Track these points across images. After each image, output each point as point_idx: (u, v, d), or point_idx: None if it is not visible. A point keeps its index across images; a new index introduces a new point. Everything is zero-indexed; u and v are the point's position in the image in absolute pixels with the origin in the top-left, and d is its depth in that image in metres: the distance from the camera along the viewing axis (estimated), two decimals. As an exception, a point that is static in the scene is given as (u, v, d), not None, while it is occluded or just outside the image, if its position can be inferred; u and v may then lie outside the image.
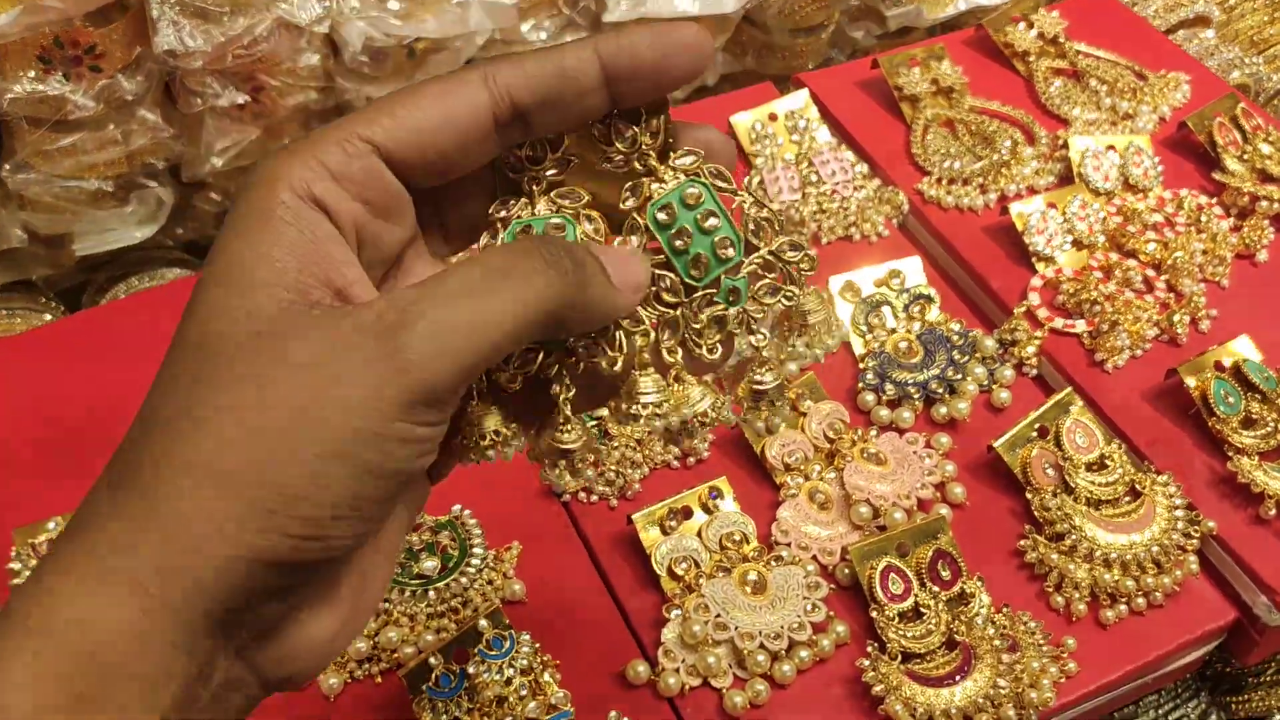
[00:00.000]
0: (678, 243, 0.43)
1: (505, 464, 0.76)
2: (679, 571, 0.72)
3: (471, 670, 0.67)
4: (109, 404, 0.82)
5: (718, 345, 0.44)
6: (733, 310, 0.44)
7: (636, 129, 0.43)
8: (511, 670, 0.67)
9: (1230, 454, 0.78)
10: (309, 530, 0.35)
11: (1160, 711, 0.82)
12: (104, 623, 0.33)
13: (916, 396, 0.82)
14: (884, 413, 0.82)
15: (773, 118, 1.00)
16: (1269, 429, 0.79)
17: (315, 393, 0.35)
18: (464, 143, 0.40)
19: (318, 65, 0.89)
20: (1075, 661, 0.70)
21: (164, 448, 0.35)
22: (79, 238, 0.95)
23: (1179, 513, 0.76)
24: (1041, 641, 0.71)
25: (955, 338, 0.85)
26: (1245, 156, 0.98)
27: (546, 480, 0.45)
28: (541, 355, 0.42)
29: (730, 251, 0.43)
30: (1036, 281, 0.89)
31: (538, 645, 0.69)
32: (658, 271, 0.43)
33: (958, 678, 0.68)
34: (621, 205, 0.43)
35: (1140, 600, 0.73)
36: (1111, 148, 0.96)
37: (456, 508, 0.75)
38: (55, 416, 0.81)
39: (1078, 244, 0.91)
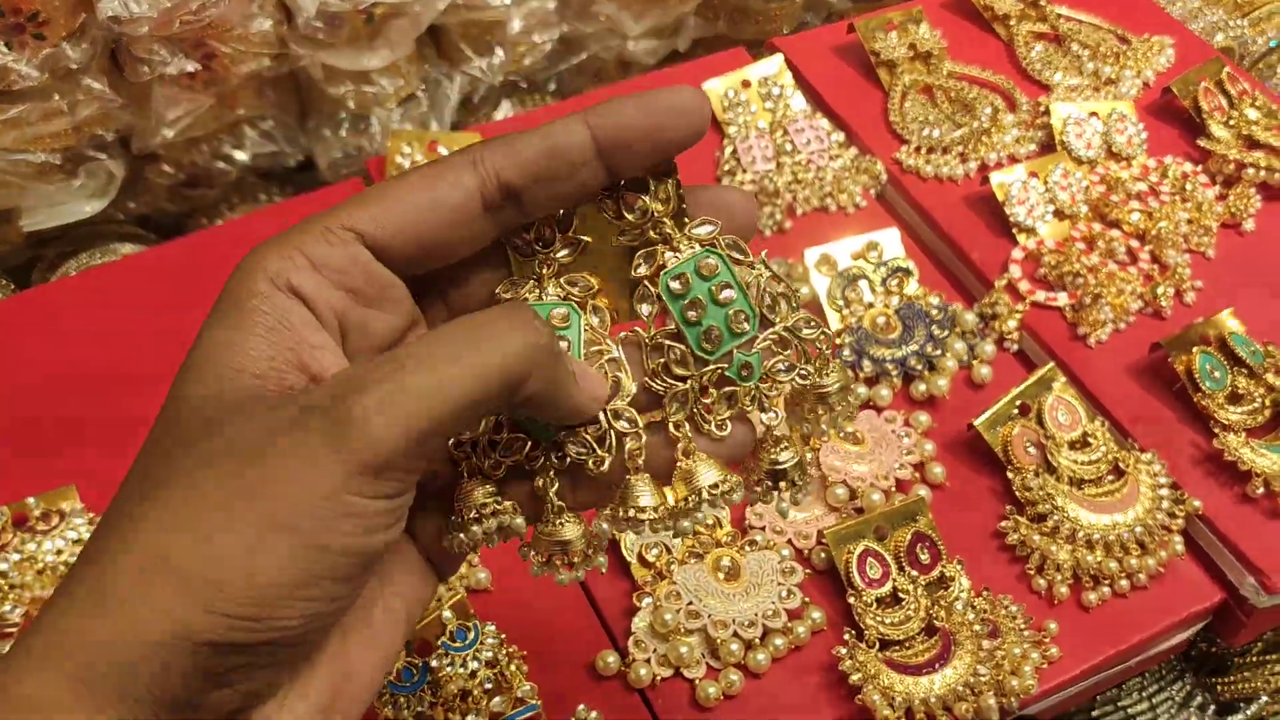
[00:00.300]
0: (690, 314, 0.41)
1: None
2: (650, 558, 0.70)
3: (434, 664, 0.64)
4: (60, 383, 0.79)
5: (727, 422, 0.42)
6: (745, 385, 0.42)
7: (645, 198, 0.42)
8: (476, 663, 0.65)
9: (1216, 430, 0.75)
10: (248, 610, 0.34)
11: (1144, 694, 0.80)
12: (46, 690, 0.33)
13: (895, 374, 0.80)
14: (861, 390, 0.80)
15: (746, 84, 0.97)
16: (1256, 404, 0.76)
17: (256, 471, 0.34)
18: (452, 227, 0.40)
19: (270, 31, 0.85)
20: (1057, 646, 0.68)
21: (116, 540, 0.35)
22: (27, 213, 0.92)
23: (1164, 492, 0.73)
24: (1023, 626, 0.69)
25: (934, 312, 0.82)
26: (1231, 122, 0.95)
27: (538, 575, 0.43)
28: (529, 446, 0.41)
29: (745, 325, 0.41)
30: (1018, 253, 0.86)
31: (503, 636, 0.66)
32: (668, 343, 0.42)
33: (937, 665, 0.66)
34: (634, 273, 0.42)
35: (1124, 582, 0.71)
36: (1094, 114, 0.93)
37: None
38: (4, 396, 0.78)
39: (1060, 214, 0.88)
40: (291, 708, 0.38)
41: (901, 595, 0.68)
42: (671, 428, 0.42)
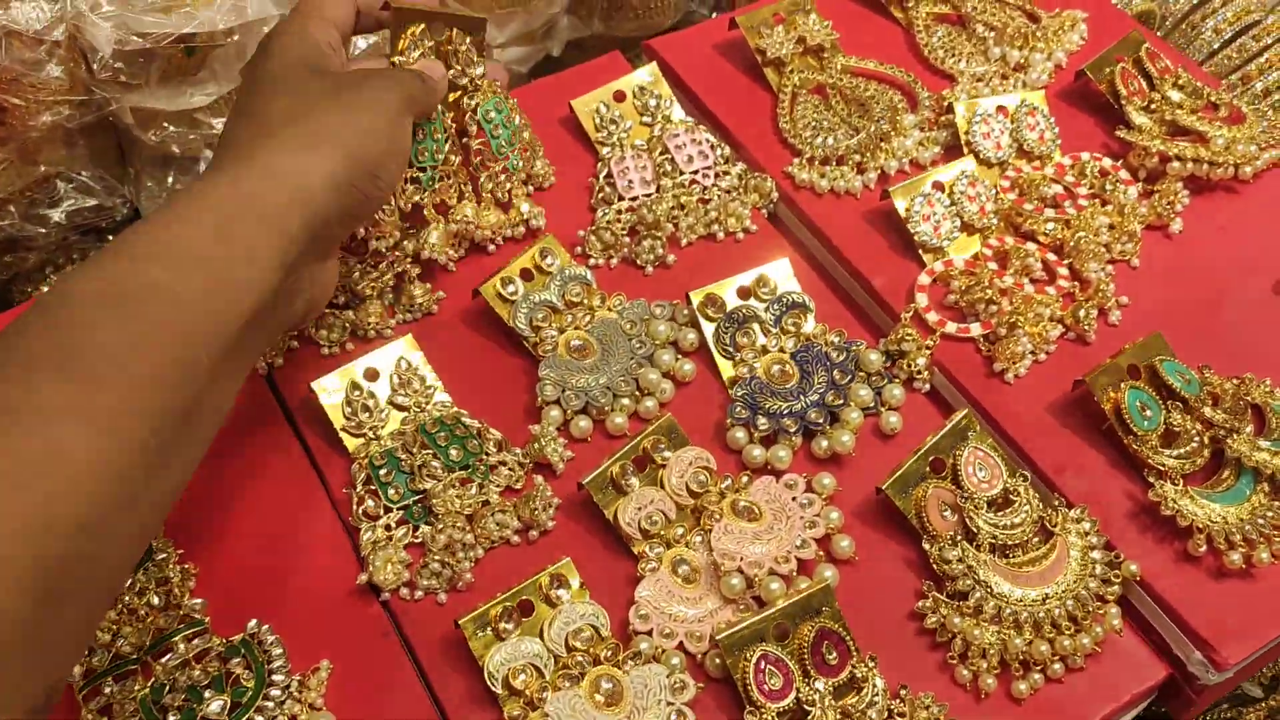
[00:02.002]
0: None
1: (310, 555, 0.64)
2: (517, 685, 0.61)
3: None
4: None
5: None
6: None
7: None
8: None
9: (1151, 479, 0.67)
10: (374, 168, 0.62)
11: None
12: (267, 193, 0.57)
13: (794, 430, 0.71)
14: (757, 452, 0.71)
15: (619, 97, 0.87)
16: (1194, 444, 0.68)
17: (353, 96, 0.63)
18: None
19: (63, 78, 0.74)
20: (986, 751, 0.60)
21: (283, 120, 0.61)
22: None
23: (1096, 555, 0.66)
24: (946, 730, 0.61)
25: (835, 354, 0.74)
26: (1153, 107, 0.87)
27: None
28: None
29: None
30: (924, 278, 0.77)
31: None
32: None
33: (849, 791, 0.58)
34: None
35: (1057, 666, 0.63)
36: (1002, 109, 0.84)
37: (253, 623, 0.63)
38: None
39: (969, 228, 0.80)
40: (328, 266, 0.67)
41: (807, 707, 0.60)
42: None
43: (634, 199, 0.82)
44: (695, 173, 0.84)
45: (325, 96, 0.62)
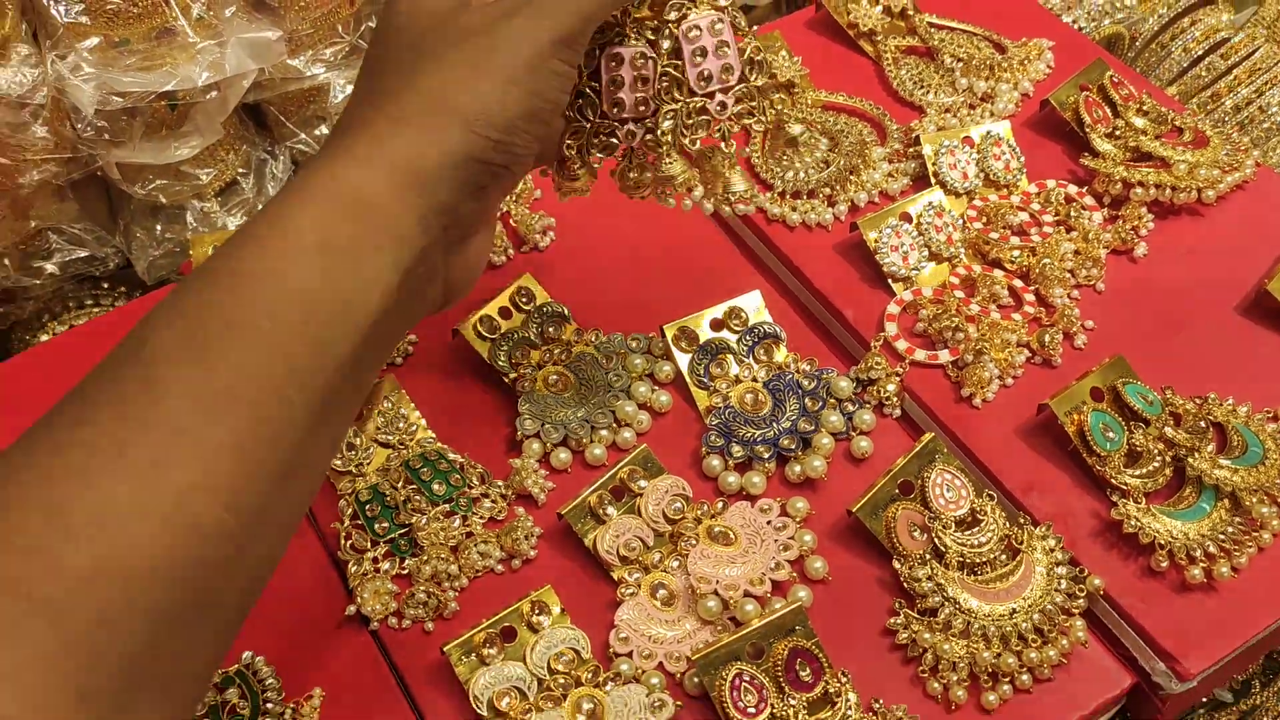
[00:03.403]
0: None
1: (300, 587, 0.66)
2: (501, 707, 0.63)
3: None
4: None
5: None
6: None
7: None
8: None
9: (1115, 498, 0.69)
10: (501, 135, 0.53)
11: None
12: (373, 185, 0.50)
13: (767, 456, 0.73)
14: (732, 479, 0.73)
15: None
16: (1156, 464, 0.70)
17: (487, 41, 0.53)
18: None
19: (49, 137, 0.77)
20: (956, 762, 0.62)
21: (398, 86, 0.53)
22: None
23: (1061, 570, 0.67)
24: (917, 742, 0.63)
25: (806, 382, 0.76)
26: (1117, 133, 0.89)
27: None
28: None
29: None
30: (893, 307, 0.80)
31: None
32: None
33: (823, 805, 0.60)
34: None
35: (1025, 676, 0.65)
36: (968, 139, 0.87)
37: (247, 655, 0.65)
38: None
39: (936, 257, 0.82)
40: (477, 244, 0.58)
41: (781, 724, 0.62)
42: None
43: (621, 124, 0.62)
44: (709, 95, 0.62)
45: (451, 49, 0.53)
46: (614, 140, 0.61)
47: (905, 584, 0.67)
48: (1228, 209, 0.86)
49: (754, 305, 0.79)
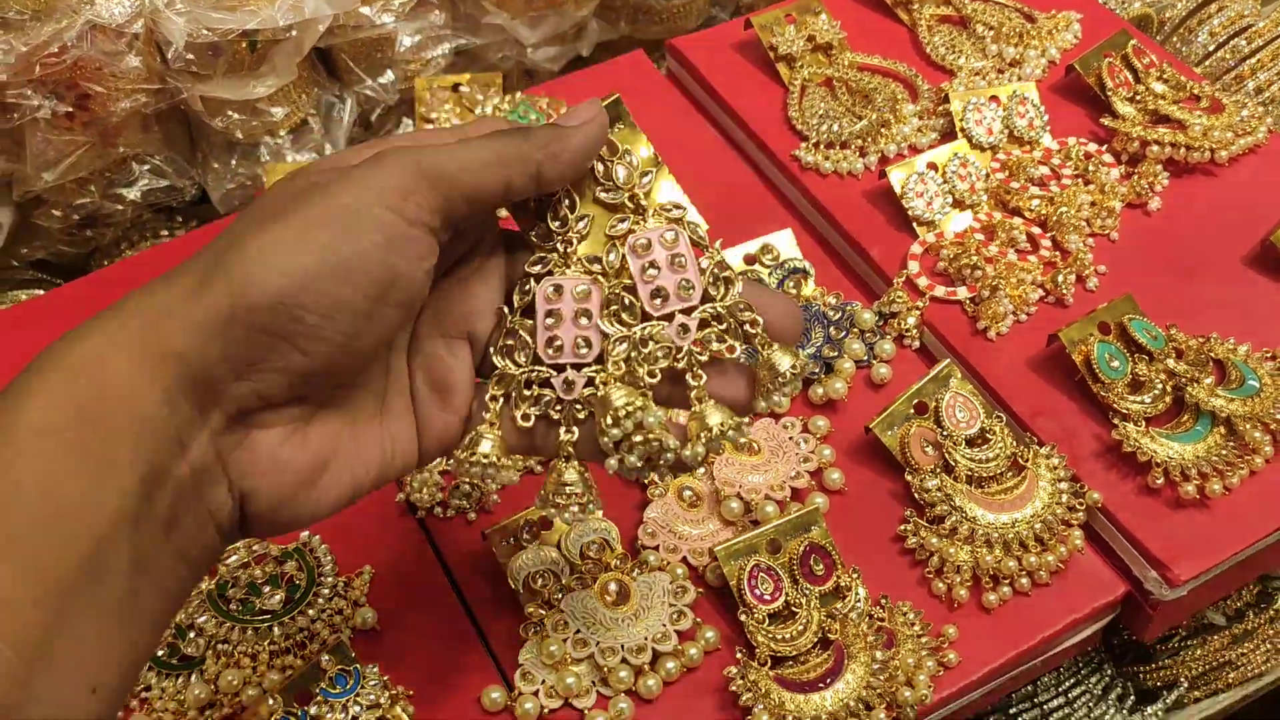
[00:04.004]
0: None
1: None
2: (536, 586, 0.68)
3: (314, 711, 0.63)
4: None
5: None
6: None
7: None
8: (357, 707, 0.63)
9: (1116, 421, 0.74)
10: (280, 294, 0.41)
11: (1060, 689, 0.79)
12: (114, 352, 0.40)
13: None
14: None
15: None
16: (1157, 391, 0.75)
17: (302, 196, 0.43)
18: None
19: (142, 67, 0.83)
20: (956, 651, 0.67)
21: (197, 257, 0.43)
22: (-87, 267, 0.91)
23: (1063, 485, 0.72)
24: (920, 633, 0.67)
25: (832, 313, 0.81)
26: (1137, 98, 0.93)
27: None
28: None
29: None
30: (916, 248, 0.85)
31: (387, 678, 0.65)
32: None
33: (829, 680, 0.64)
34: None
35: (1024, 580, 0.70)
36: (995, 99, 0.92)
37: (305, 534, 0.71)
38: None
39: (960, 205, 0.87)
40: (293, 449, 0.45)
41: (794, 609, 0.67)
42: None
43: (559, 372, 0.50)
44: (668, 317, 0.50)
45: (271, 204, 0.44)
46: (547, 392, 0.49)
47: (916, 495, 0.72)
48: (1239, 170, 0.90)
49: (786, 241, 0.84)
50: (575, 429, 0.50)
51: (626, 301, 0.49)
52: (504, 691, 0.65)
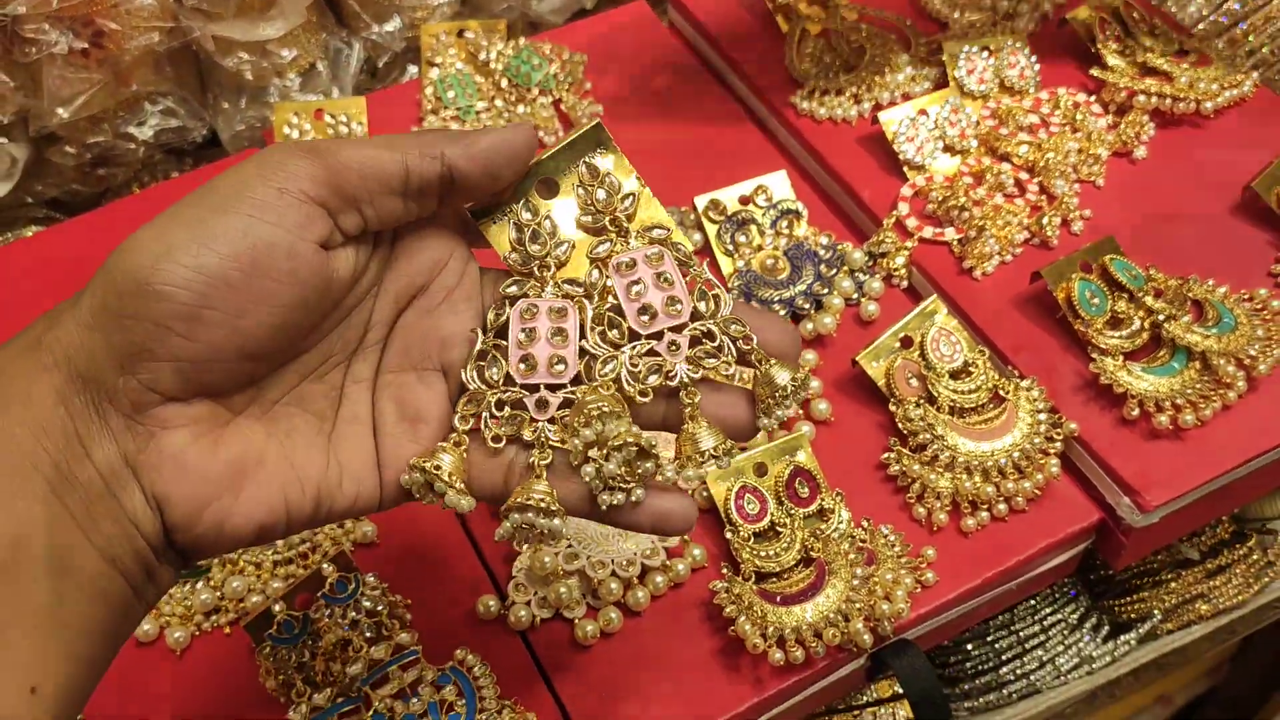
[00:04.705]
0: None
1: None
2: (531, 504, 0.71)
3: (314, 615, 0.66)
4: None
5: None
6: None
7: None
8: (356, 613, 0.66)
9: (1095, 355, 0.76)
10: (149, 276, 0.40)
11: (1037, 616, 0.81)
12: (5, 377, 0.41)
13: (783, 314, 0.80)
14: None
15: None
16: (1135, 327, 0.77)
17: (216, 186, 0.43)
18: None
19: (157, 5, 0.86)
20: (934, 571, 0.70)
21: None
22: (-73, 199, 0.93)
23: (1042, 417, 0.75)
24: (900, 553, 0.70)
25: (823, 252, 0.83)
26: (1126, 51, 0.95)
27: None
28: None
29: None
30: (906, 190, 0.87)
31: (385, 586, 0.67)
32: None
33: (811, 594, 0.67)
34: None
35: (1002, 506, 0.72)
36: (987, 49, 0.94)
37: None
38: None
39: (950, 150, 0.89)
40: (201, 452, 0.43)
41: (779, 529, 0.70)
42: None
43: (532, 390, 0.49)
44: (656, 335, 0.49)
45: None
46: (520, 413, 0.47)
47: (900, 425, 0.75)
48: (1225, 122, 0.92)
49: (780, 183, 0.87)
50: (550, 453, 0.47)
51: (612, 320, 0.48)
52: (498, 601, 0.68)
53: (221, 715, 0.66)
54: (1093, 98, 0.93)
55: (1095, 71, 0.93)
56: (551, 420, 0.47)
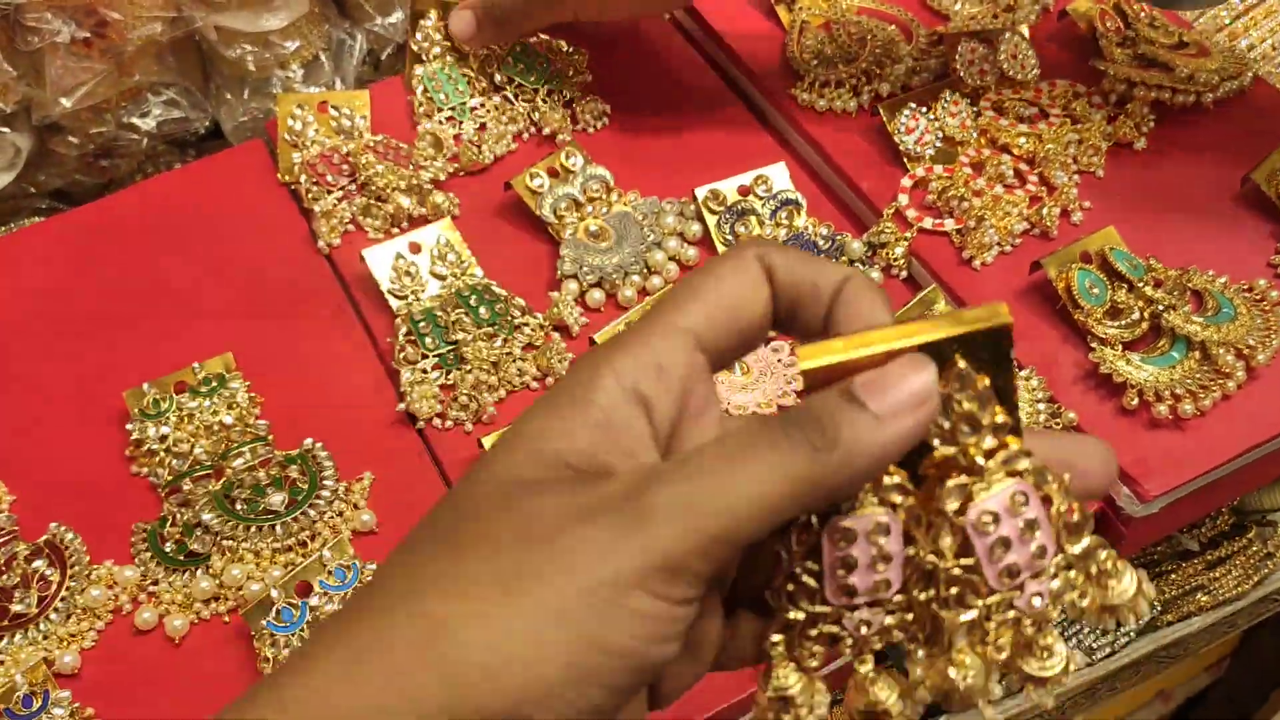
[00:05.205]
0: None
1: (358, 391, 0.75)
2: (530, 492, 0.71)
3: (314, 603, 0.66)
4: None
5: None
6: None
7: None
8: (355, 600, 0.66)
9: (1094, 345, 0.76)
10: (508, 704, 0.32)
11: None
12: None
13: (782, 304, 0.80)
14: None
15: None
16: (1134, 317, 0.77)
17: (543, 556, 0.33)
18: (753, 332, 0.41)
19: (157, -7, 0.86)
20: (932, 561, 0.70)
21: (390, 602, 0.34)
22: (-70, 191, 0.93)
23: (1041, 406, 0.75)
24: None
25: (822, 242, 0.83)
26: (1127, 43, 0.95)
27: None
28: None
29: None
30: (906, 181, 0.87)
31: (384, 573, 0.68)
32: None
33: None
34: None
35: (1001, 496, 0.72)
36: (987, 41, 0.94)
37: (308, 441, 0.74)
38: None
39: (950, 141, 0.89)
40: None
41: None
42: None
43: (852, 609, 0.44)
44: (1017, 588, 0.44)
45: (493, 548, 0.34)
46: (840, 629, 0.40)
47: (899, 414, 0.75)
48: (1225, 114, 0.92)
49: (780, 174, 0.87)
50: (870, 660, 0.40)
51: (969, 583, 0.39)
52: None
53: (220, 703, 0.66)
54: (1093, 89, 0.93)
55: (1095, 63, 0.93)
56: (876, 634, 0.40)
